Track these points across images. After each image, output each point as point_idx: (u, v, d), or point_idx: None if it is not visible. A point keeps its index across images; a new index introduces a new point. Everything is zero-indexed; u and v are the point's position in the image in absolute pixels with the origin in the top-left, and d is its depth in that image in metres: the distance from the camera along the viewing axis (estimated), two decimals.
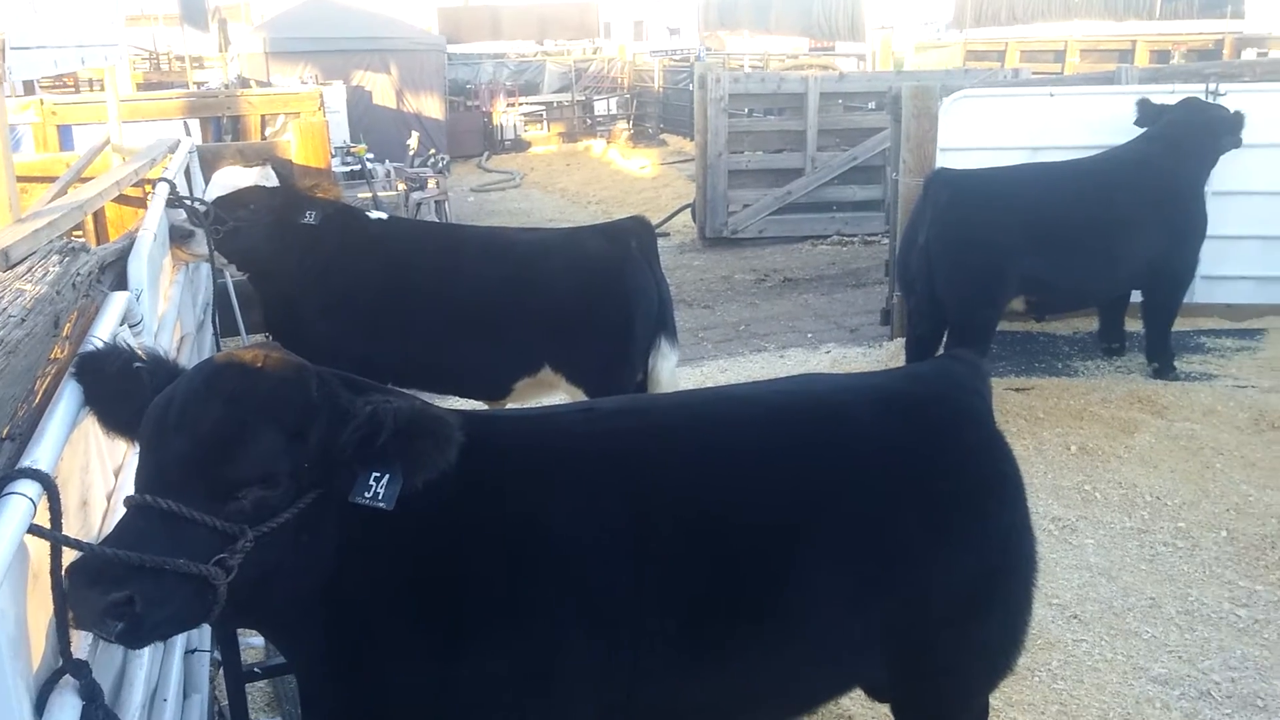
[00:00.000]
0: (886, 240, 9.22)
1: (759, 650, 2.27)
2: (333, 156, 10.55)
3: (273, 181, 4.65)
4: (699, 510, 2.23)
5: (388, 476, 1.81)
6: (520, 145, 20.66)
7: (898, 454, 2.35)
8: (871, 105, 12.22)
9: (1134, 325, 6.78)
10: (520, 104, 21.50)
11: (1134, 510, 4.80)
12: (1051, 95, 7.16)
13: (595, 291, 4.48)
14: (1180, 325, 6.81)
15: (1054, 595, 4.12)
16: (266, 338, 4.74)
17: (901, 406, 2.42)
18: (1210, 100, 6.69)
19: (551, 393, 4.83)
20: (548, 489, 2.13)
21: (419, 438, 1.81)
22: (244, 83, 13.55)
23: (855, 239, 11.63)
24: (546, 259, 4.58)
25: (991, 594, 2.40)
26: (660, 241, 12.23)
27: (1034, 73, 15.00)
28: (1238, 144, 6.45)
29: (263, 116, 9.17)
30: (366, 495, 1.82)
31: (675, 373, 4.83)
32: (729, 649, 2.24)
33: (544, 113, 21.95)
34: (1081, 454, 5.36)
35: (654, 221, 12.72)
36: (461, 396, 4.87)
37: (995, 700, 3.36)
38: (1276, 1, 20.69)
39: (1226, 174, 6.81)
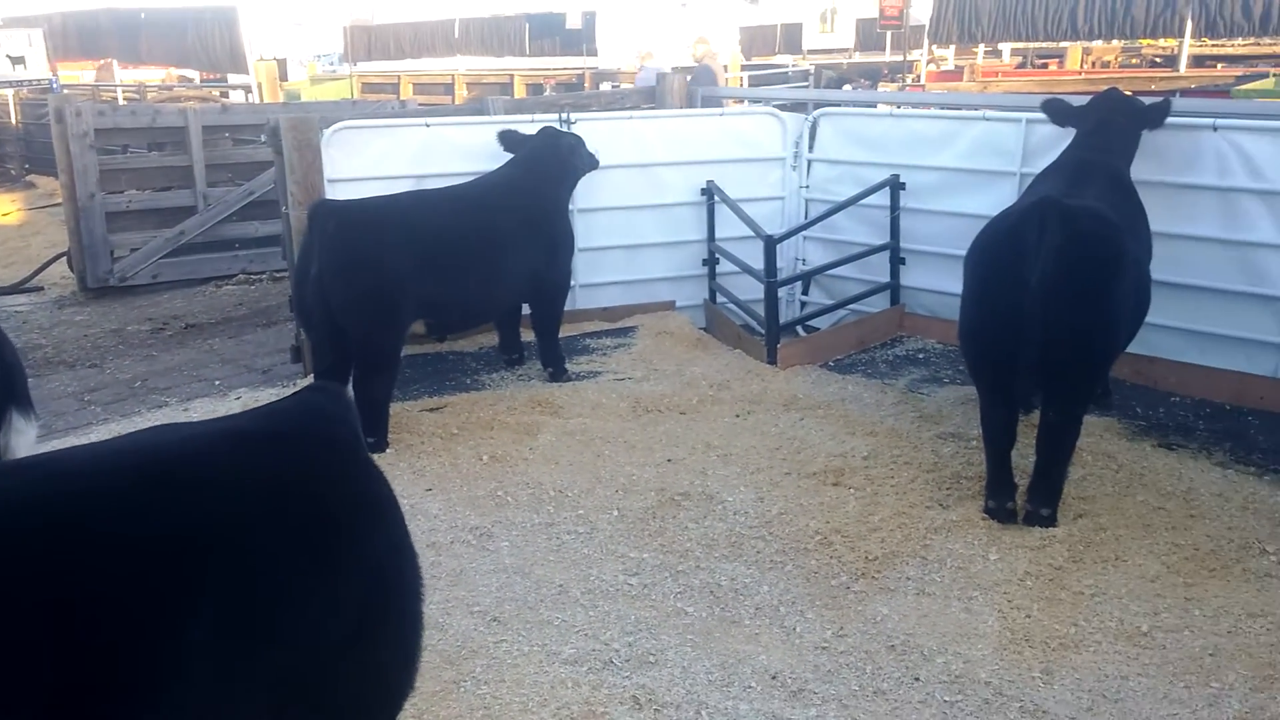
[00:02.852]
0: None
1: None
2: None
3: None
4: (39, 604, 1.91)
5: None
6: None
7: (262, 495, 2.22)
8: (262, 138, 11.84)
9: (531, 335, 7.34)
10: None
11: (541, 506, 5.16)
12: (428, 125, 7.48)
13: None
14: (568, 331, 7.51)
15: (475, 603, 4.27)
16: None
17: (261, 445, 2.31)
18: (564, 128, 7.46)
19: None
20: None
21: None
22: None
23: (263, 276, 11.19)
24: None
25: (378, 618, 2.38)
26: (33, 297, 10.80)
27: (422, 103, 15.67)
28: (594, 165, 7.27)
29: None
30: None
31: (36, 449, 4.18)
32: None
33: None
34: (493, 462, 5.65)
35: (23, 275, 11.14)
36: None
37: None
38: (619, 41, 23.90)
39: (590, 193, 7.67)
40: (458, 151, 7.36)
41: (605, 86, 20.93)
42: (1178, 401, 6.34)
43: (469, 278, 6.19)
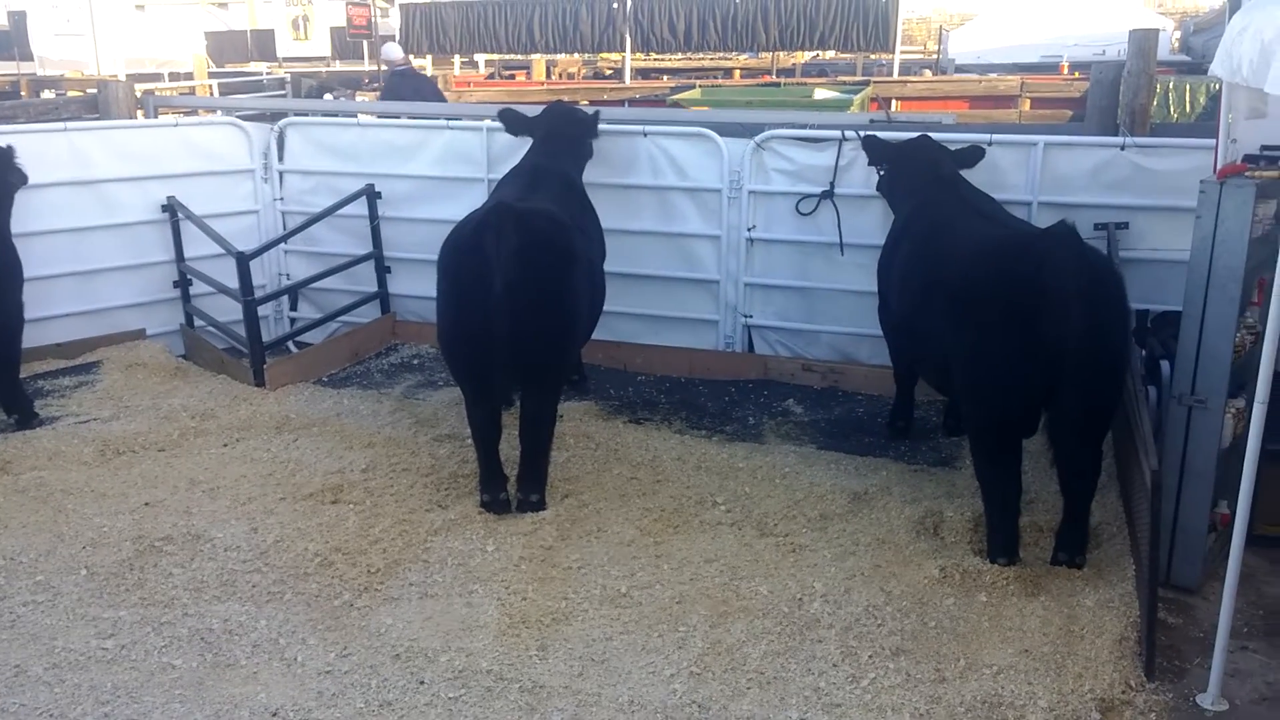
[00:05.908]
0: None
1: None
2: None
3: None
4: None
5: None
6: None
7: None
8: None
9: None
10: None
11: None
12: None
13: None
14: None
15: None
16: None
17: None
18: None
19: None
20: None
21: None
22: None
23: None
24: None
25: None
26: None
27: None
28: (24, 180, 6.39)
29: None
30: None
31: None
32: None
33: None
34: None
35: None
36: None
37: None
38: (63, 45, 21.22)
39: (24, 215, 6.71)
40: None
41: (48, 95, 18.52)
42: (644, 380, 7.08)
43: None
